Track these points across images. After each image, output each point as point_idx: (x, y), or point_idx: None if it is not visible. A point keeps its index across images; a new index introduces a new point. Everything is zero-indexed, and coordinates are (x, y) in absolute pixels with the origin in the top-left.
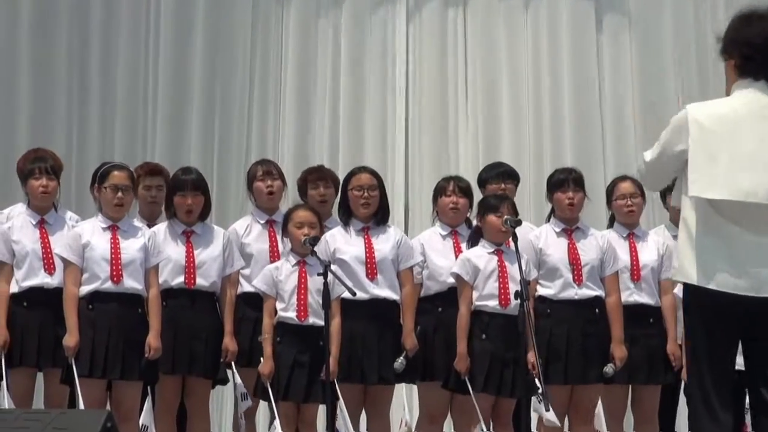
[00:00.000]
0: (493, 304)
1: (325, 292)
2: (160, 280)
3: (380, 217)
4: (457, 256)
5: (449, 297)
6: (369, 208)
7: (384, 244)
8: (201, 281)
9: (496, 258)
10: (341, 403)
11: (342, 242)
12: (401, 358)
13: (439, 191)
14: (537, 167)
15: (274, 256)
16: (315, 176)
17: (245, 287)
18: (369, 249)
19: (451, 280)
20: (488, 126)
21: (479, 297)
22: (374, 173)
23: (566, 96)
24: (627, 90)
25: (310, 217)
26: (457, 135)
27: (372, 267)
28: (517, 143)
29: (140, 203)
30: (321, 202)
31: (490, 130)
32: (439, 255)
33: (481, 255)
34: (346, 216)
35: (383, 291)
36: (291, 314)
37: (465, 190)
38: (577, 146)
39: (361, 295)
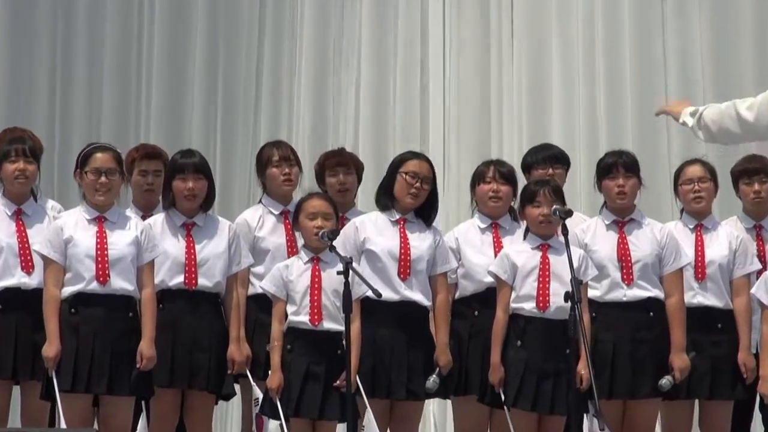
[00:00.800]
0: (529, 306)
1: (346, 293)
2: (156, 280)
3: (429, 216)
4: (496, 252)
5: (487, 299)
6: (416, 200)
7: (421, 241)
8: (203, 281)
9: (539, 254)
10: (369, 413)
11: (373, 231)
12: (434, 376)
13: (478, 177)
14: (590, 150)
15: (293, 251)
16: (334, 161)
17: (258, 288)
18: (404, 243)
19: (489, 279)
20: (535, 104)
21: (515, 298)
22: (432, 166)
23: (626, 69)
24: (696, 64)
25: (324, 207)
26: (500, 114)
27: (405, 264)
28: (568, 123)
29: (135, 191)
30: (341, 191)
31: (537, 109)
32: (476, 251)
33: (523, 250)
34: (388, 201)
35: (415, 294)
36: (303, 318)
37: (507, 176)
38: (637, 126)
39: (389, 295)
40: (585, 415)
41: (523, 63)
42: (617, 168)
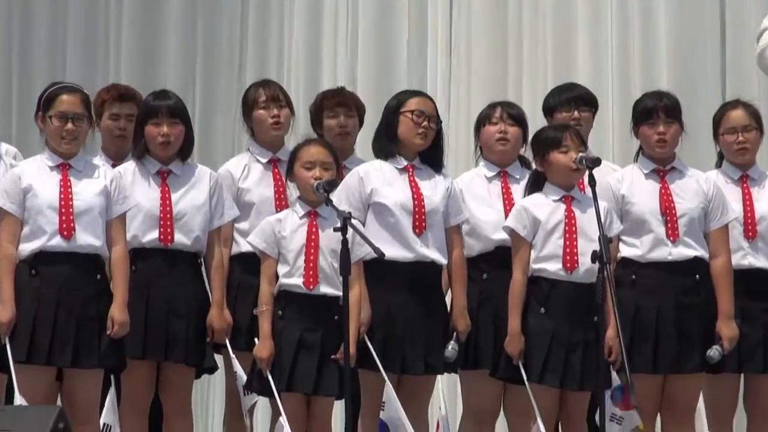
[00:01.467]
0: (554, 267)
1: (344, 253)
2: (128, 236)
3: (436, 159)
4: (506, 204)
5: (498, 259)
6: (426, 140)
7: (433, 190)
8: (181, 237)
9: (563, 207)
10: (389, 388)
11: (380, 182)
12: (452, 342)
13: (483, 120)
14: (622, 90)
15: (282, 205)
16: (334, 101)
17: (242, 246)
18: (417, 194)
19: (499, 236)
20: (558, 36)
21: (537, 258)
22: (433, 101)
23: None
24: None
25: (323, 155)
26: (520, 49)
27: (420, 218)
28: (596, 59)
29: (105, 137)
30: (341, 134)
31: (561, 43)
32: (482, 204)
33: (543, 203)
34: (393, 146)
35: (432, 252)
36: (296, 280)
37: (516, 118)
38: (680, 61)
39: (404, 254)
40: (608, 390)
41: None
42: (657, 113)
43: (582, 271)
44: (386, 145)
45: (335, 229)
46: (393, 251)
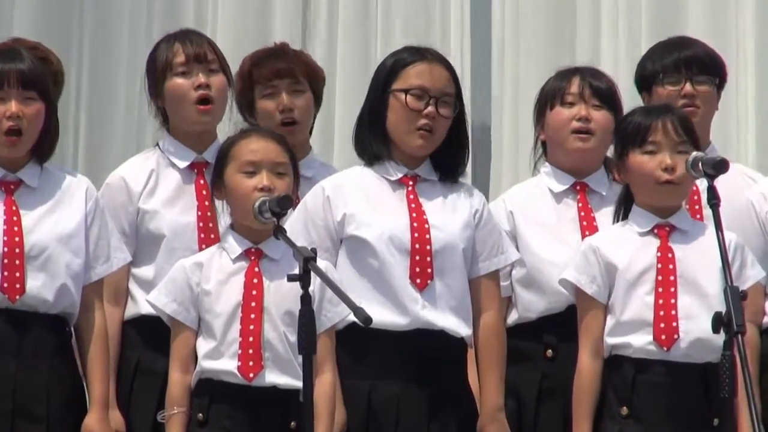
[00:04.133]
0: (641, 341)
1: (306, 316)
2: None
3: (451, 163)
4: (585, 237)
5: (571, 326)
6: (431, 138)
7: (448, 215)
8: (36, 287)
9: (655, 243)
10: None
11: (359, 203)
12: None
13: (549, 97)
14: (763, 49)
15: (209, 239)
16: (270, 69)
17: (142, 306)
18: (419, 222)
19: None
20: None
21: (615, 327)
22: (450, 68)
23: None
24: None
25: (273, 152)
26: None
27: (423, 261)
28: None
29: None
30: (285, 123)
31: None
32: (546, 236)
33: (625, 238)
34: (381, 145)
35: (442, 316)
36: (228, 364)
37: (604, 96)
38: None
39: (394, 319)
40: None
41: None
42: None
43: (686, 344)
44: (371, 144)
45: (291, 278)
46: (378, 315)
